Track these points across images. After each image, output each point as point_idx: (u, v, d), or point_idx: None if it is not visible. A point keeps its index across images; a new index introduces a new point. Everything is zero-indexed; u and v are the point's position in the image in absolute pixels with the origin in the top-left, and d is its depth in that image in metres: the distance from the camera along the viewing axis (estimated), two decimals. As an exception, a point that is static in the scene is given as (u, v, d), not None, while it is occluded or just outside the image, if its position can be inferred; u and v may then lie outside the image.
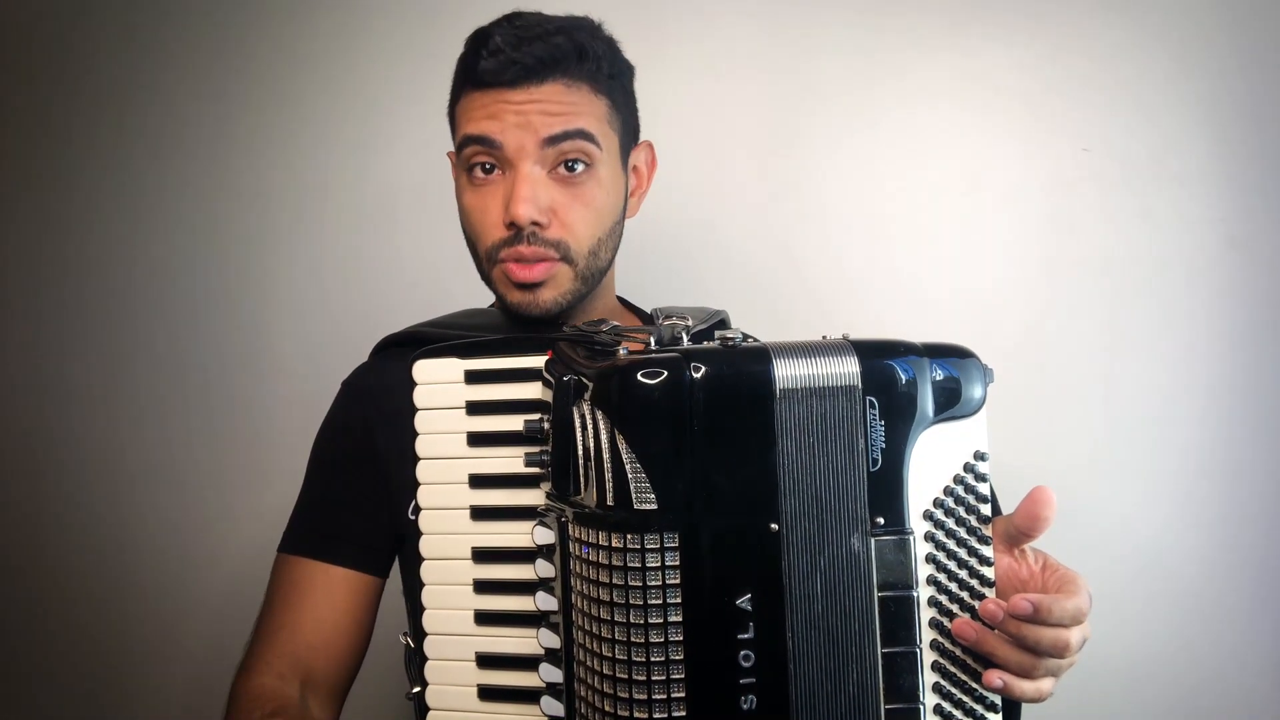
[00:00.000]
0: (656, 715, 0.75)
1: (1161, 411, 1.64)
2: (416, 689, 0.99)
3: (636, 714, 0.76)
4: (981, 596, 0.83)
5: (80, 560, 1.91)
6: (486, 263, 1.12)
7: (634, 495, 0.76)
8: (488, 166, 1.09)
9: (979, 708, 0.83)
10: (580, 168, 1.09)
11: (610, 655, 0.77)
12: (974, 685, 0.83)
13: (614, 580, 0.77)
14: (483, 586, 0.94)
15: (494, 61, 1.06)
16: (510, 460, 0.92)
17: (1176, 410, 1.63)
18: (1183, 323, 1.64)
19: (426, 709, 0.95)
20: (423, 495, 0.96)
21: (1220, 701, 1.60)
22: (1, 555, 1.94)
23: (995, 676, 0.81)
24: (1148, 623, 1.59)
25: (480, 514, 0.94)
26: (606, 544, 0.77)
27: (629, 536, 0.76)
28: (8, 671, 1.94)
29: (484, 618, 0.93)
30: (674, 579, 0.76)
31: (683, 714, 0.75)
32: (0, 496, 1.95)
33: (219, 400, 1.89)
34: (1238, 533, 1.61)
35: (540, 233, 1.07)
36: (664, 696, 0.75)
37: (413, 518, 1.03)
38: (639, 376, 0.78)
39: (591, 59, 1.10)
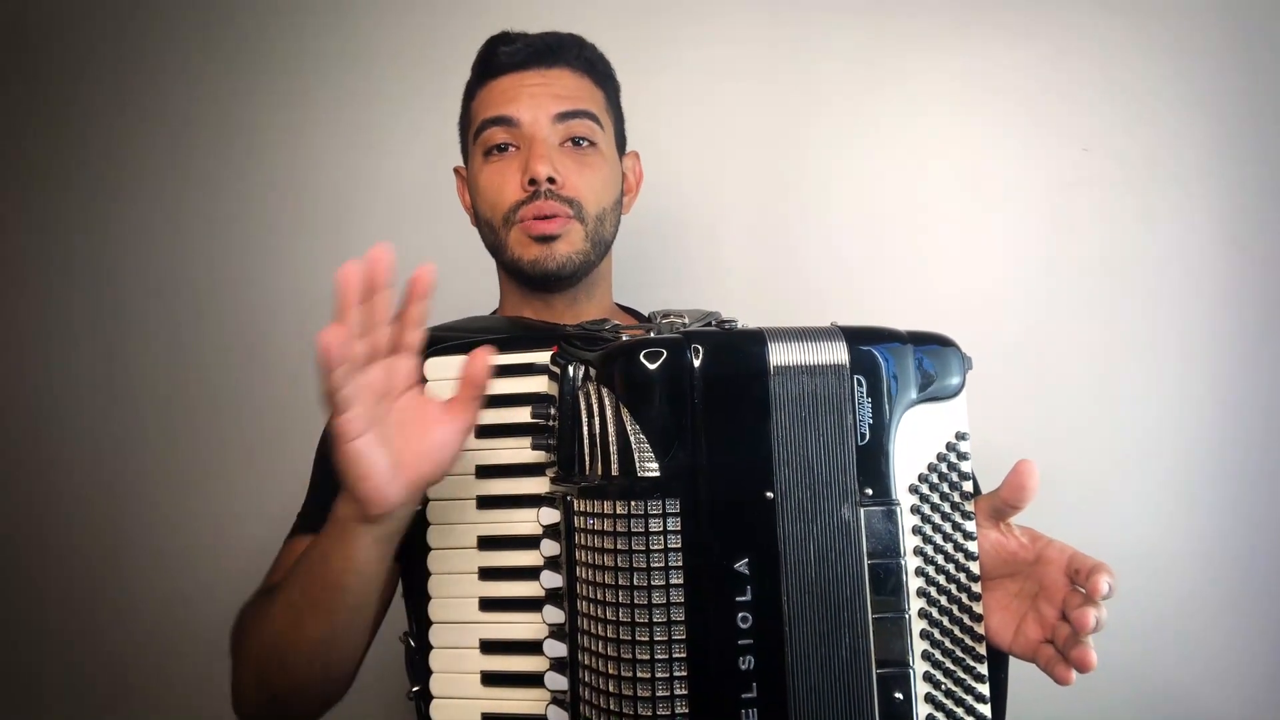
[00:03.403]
0: (659, 675, 0.84)
1: (1161, 411, 1.71)
2: (416, 688, 1.05)
3: (640, 674, 0.84)
4: (966, 569, 0.93)
5: (83, 559, 1.98)
6: (503, 228, 1.26)
7: (638, 464, 0.86)
8: (503, 146, 1.26)
9: (967, 678, 0.92)
10: (586, 144, 1.27)
11: (614, 619, 0.86)
12: (962, 655, 0.92)
13: (618, 546, 0.86)
14: (488, 573, 1.01)
15: (510, 48, 1.27)
16: (516, 451, 1.01)
17: (1176, 409, 1.70)
18: (1182, 322, 1.71)
19: (427, 708, 1.02)
20: (430, 488, 1.04)
21: (1219, 700, 1.67)
22: (6, 556, 2.00)
23: (1073, 673, 0.89)
24: (1145, 620, 1.65)
25: (486, 503, 1.02)
26: (611, 512, 0.86)
27: (633, 503, 0.85)
28: (10, 671, 1.99)
29: (489, 604, 1.00)
30: (675, 543, 0.85)
31: (684, 674, 0.84)
32: (5, 498, 2.01)
33: (222, 400, 1.96)
34: (1237, 531, 1.68)
35: (555, 190, 1.22)
36: (665, 657, 0.84)
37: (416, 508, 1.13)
38: (641, 356, 0.88)
39: (590, 51, 1.31)
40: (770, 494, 0.88)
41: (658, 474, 0.86)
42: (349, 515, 0.92)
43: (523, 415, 1.00)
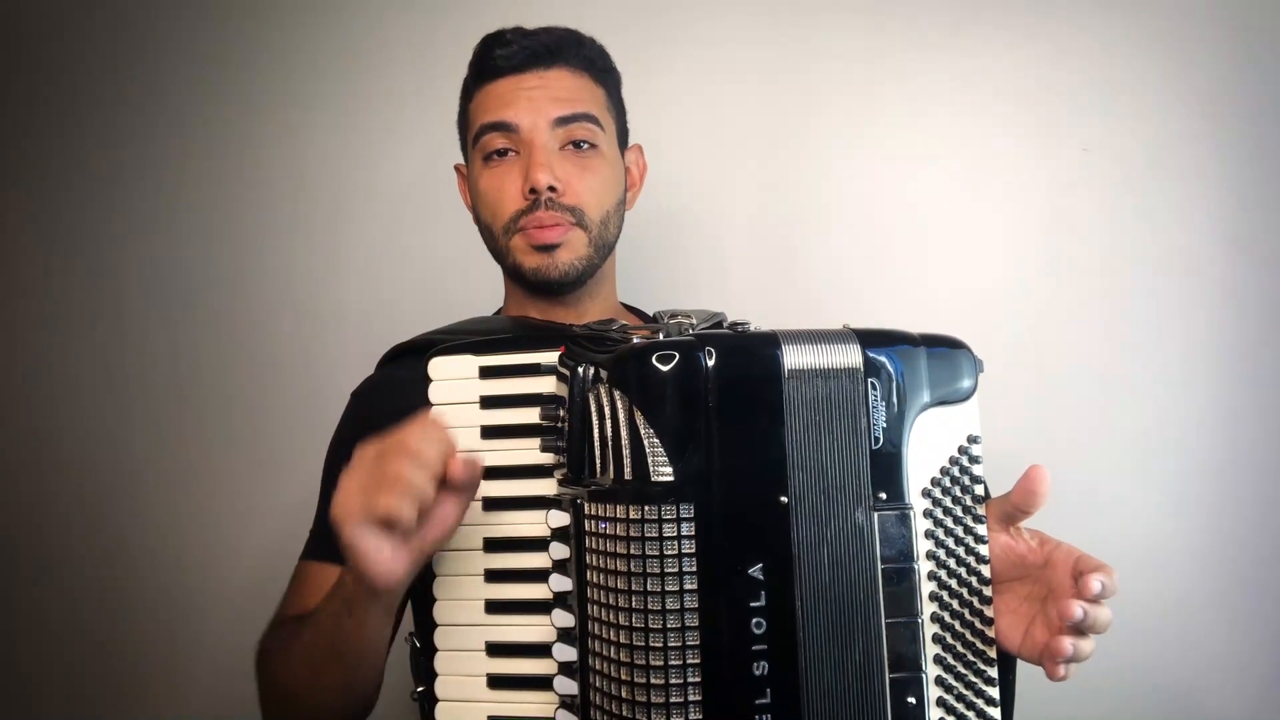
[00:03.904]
0: (672, 681, 0.83)
1: (1161, 411, 1.69)
2: (421, 689, 1.04)
3: (653, 680, 0.83)
4: (978, 573, 0.91)
5: (86, 562, 1.96)
6: (504, 235, 1.24)
7: (651, 468, 0.85)
8: (503, 151, 1.23)
9: (979, 681, 0.91)
10: (587, 147, 1.24)
11: (627, 624, 0.84)
12: (973, 659, 0.91)
13: (630, 551, 0.84)
14: (494, 576, 1.00)
15: (506, 50, 1.23)
16: (523, 452, 0.99)
17: (1176, 409, 1.69)
18: (1182, 322, 1.69)
19: (432, 708, 1.01)
20: None
21: (1219, 700, 1.66)
22: (6, 557, 1.98)
23: (1061, 669, 0.87)
24: (1146, 620, 1.63)
25: (492, 505, 1.01)
26: (624, 517, 0.85)
27: (646, 508, 0.84)
28: (12, 673, 1.98)
29: (495, 607, 0.99)
30: (689, 548, 0.84)
31: (698, 680, 0.83)
32: (4, 498, 1.99)
33: (225, 400, 1.94)
34: (1236, 530, 1.66)
35: (556, 198, 1.20)
36: (680, 663, 0.83)
37: None
38: (655, 359, 0.86)
39: (588, 48, 1.28)
40: (784, 498, 0.86)
41: (671, 478, 0.85)
42: (355, 590, 0.92)
43: (529, 416, 0.99)
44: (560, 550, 0.95)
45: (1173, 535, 1.69)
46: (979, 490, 0.93)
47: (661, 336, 0.95)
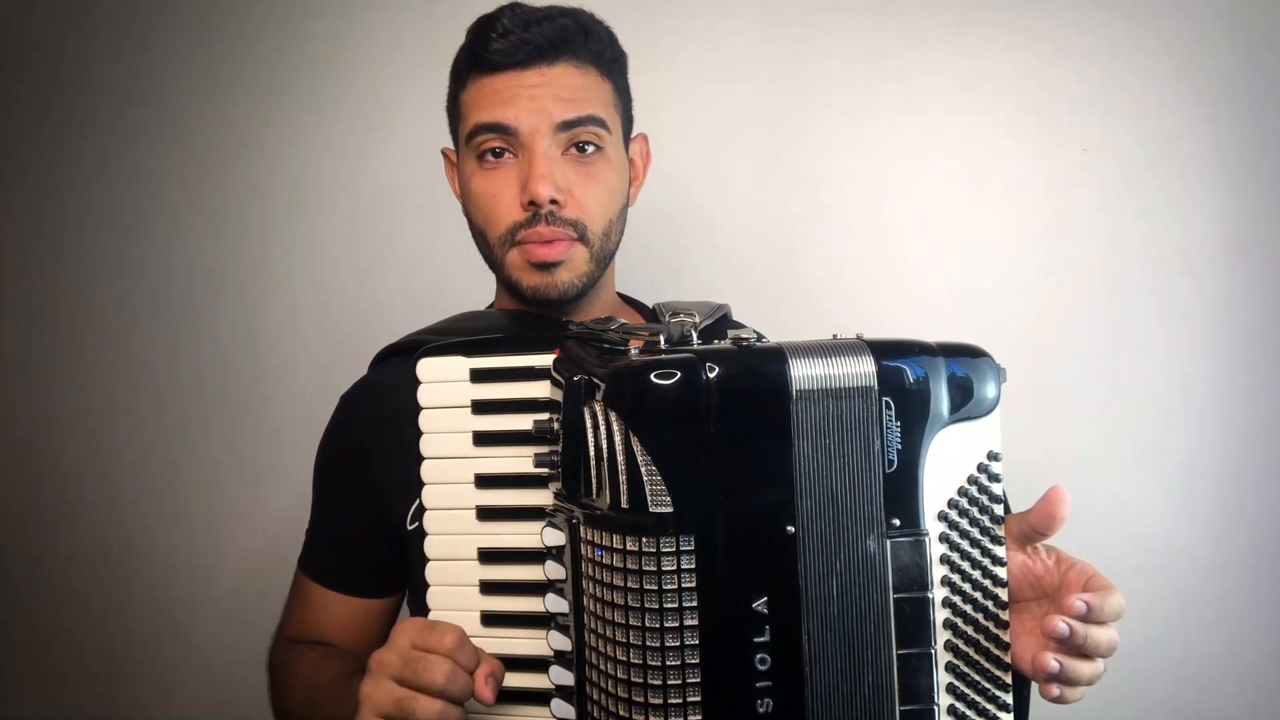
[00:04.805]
0: (672, 719, 0.74)
1: (1161, 411, 1.64)
2: None
3: (651, 718, 0.74)
4: (995, 596, 0.82)
5: (79, 563, 1.89)
6: (500, 248, 1.11)
7: (649, 498, 0.75)
8: (499, 151, 1.09)
9: (991, 707, 0.82)
10: (591, 149, 1.10)
11: (625, 659, 0.76)
12: (987, 685, 0.82)
13: (628, 583, 0.75)
14: (489, 588, 0.92)
15: (504, 43, 1.07)
16: (517, 460, 0.90)
17: (1176, 409, 1.63)
18: (1183, 323, 1.63)
19: None
20: (427, 496, 0.95)
21: (1220, 699, 1.60)
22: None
23: (1054, 688, 0.80)
24: (1148, 620, 1.57)
25: (487, 514, 0.93)
26: (620, 547, 0.76)
27: (644, 540, 0.74)
28: (7, 674, 1.92)
29: (491, 619, 0.92)
30: (689, 582, 0.74)
31: (699, 717, 0.74)
32: (-1, 499, 1.94)
33: (218, 401, 1.86)
34: (1237, 531, 1.61)
35: (558, 212, 1.07)
36: (679, 700, 0.74)
37: (411, 526, 1.03)
38: (653, 377, 0.76)
39: (596, 39, 1.12)
40: (791, 528, 0.76)
41: (670, 509, 0.75)
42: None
43: (523, 422, 0.89)
44: (556, 570, 0.86)
45: (1173, 535, 1.63)
46: (998, 510, 0.83)
47: (661, 340, 0.85)
